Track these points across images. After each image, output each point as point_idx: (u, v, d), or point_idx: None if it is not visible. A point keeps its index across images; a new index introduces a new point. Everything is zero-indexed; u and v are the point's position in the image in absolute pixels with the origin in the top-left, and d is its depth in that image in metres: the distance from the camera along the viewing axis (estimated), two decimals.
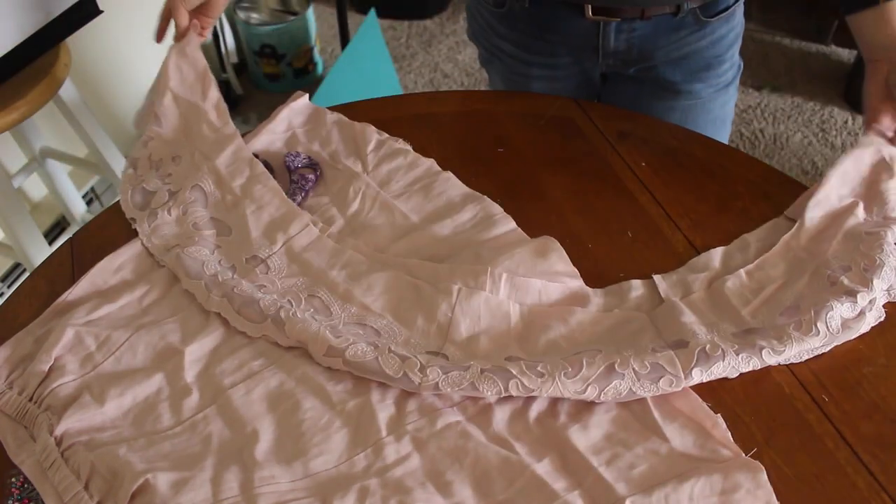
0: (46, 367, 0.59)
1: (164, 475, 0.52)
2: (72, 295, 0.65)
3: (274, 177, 0.75)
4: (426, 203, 0.74)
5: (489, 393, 0.56)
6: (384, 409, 0.57)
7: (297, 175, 0.75)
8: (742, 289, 0.64)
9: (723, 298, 0.63)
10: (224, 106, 0.80)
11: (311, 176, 0.75)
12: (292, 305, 0.63)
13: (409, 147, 0.79)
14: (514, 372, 0.56)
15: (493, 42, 0.95)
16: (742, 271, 0.65)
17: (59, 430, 0.55)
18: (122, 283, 0.67)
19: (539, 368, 0.56)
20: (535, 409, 0.57)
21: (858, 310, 0.61)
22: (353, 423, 0.57)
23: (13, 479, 0.55)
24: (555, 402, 0.58)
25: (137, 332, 0.62)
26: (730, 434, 0.55)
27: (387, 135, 0.80)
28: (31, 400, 0.58)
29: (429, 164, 0.78)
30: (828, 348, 0.60)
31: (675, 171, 0.77)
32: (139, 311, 0.65)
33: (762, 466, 0.52)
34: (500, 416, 0.57)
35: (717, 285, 0.64)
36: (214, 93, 0.80)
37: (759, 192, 0.75)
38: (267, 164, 0.76)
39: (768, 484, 0.52)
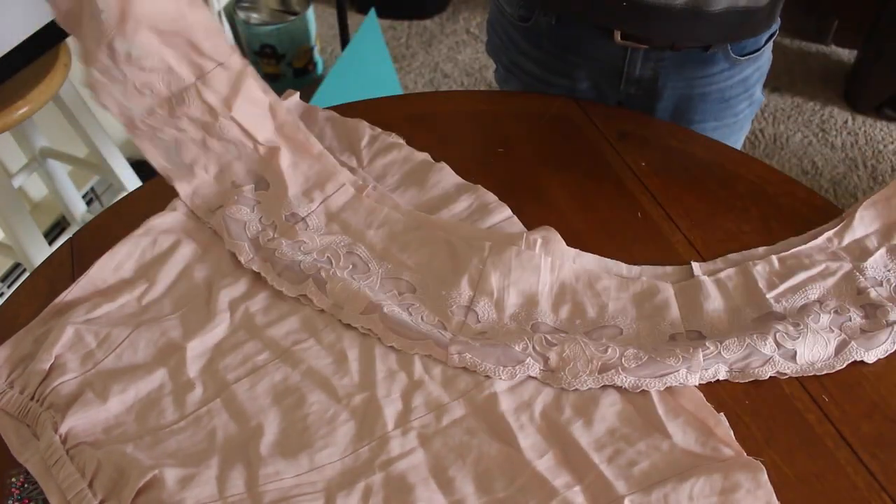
0: (47, 366, 0.59)
1: (171, 471, 0.52)
2: (71, 294, 0.65)
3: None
4: (422, 195, 0.74)
5: (502, 375, 0.58)
6: (390, 404, 0.57)
7: None
8: (771, 273, 0.65)
9: (750, 280, 0.64)
10: (217, 27, 0.70)
11: None
12: (331, 265, 0.65)
13: (401, 141, 0.79)
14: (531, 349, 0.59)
15: (513, 59, 0.93)
16: (774, 257, 0.66)
17: (63, 428, 0.55)
18: (122, 281, 0.67)
19: (558, 354, 0.59)
20: (541, 402, 0.57)
21: (879, 327, 0.60)
22: (358, 417, 0.57)
23: (13, 479, 0.55)
24: (560, 394, 0.58)
25: (138, 329, 0.62)
26: (732, 433, 0.55)
27: (379, 129, 0.80)
28: (32, 398, 0.58)
29: (423, 156, 0.78)
30: (840, 364, 0.59)
31: (675, 171, 0.77)
32: (139, 308, 0.65)
33: (763, 466, 0.52)
34: (506, 406, 0.57)
35: (747, 267, 0.65)
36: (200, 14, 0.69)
37: (759, 192, 0.75)
38: None
39: (768, 484, 0.52)
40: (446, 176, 0.76)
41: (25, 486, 0.54)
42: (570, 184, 0.76)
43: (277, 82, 2.24)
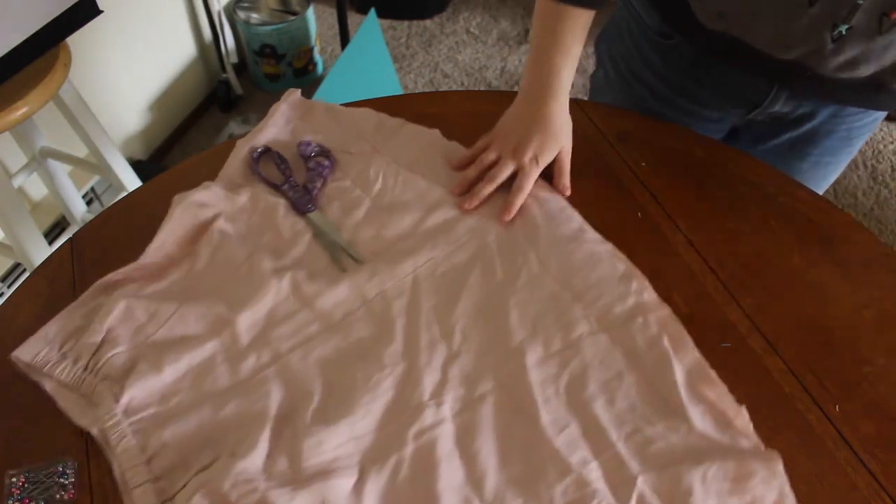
0: (99, 339, 0.61)
1: (226, 454, 0.54)
2: (118, 274, 0.66)
3: (288, 167, 0.77)
4: (446, 171, 0.76)
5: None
6: (430, 373, 0.59)
7: (313, 163, 0.77)
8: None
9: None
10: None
11: (327, 162, 0.77)
12: None
13: (409, 123, 0.81)
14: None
15: (634, 69, 0.88)
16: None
17: (124, 400, 0.57)
18: (166, 258, 0.68)
19: None
20: (567, 376, 0.59)
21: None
22: (399, 386, 0.59)
23: (13, 479, 0.55)
24: (586, 370, 0.59)
25: (185, 304, 0.64)
26: (752, 426, 0.55)
27: (385, 115, 0.82)
28: (86, 369, 0.60)
29: (433, 132, 0.80)
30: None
31: (675, 171, 0.77)
32: (185, 284, 0.66)
33: (779, 456, 0.53)
34: (534, 378, 0.59)
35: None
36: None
37: (759, 192, 0.75)
38: (280, 156, 0.77)
39: (783, 474, 0.52)
40: (459, 152, 0.78)
41: (25, 486, 0.54)
42: (571, 184, 0.76)
43: (277, 82, 2.24)
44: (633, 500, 0.51)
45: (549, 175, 0.75)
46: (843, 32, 0.65)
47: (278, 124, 0.81)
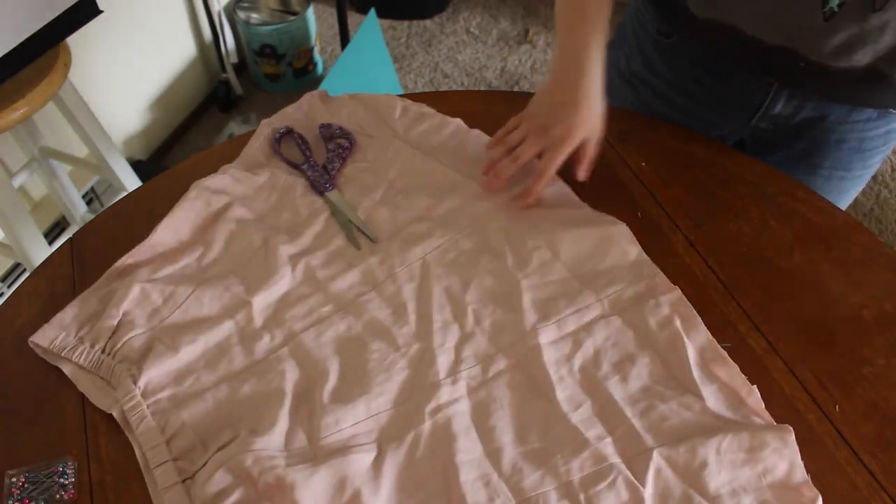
0: (115, 322, 0.61)
1: (245, 431, 0.55)
2: (132, 258, 0.66)
3: (308, 148, 0.78)
4: (465, 158, 0.77)
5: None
6: (444, 353, 0.60)
7: (334, 144, 0.78)
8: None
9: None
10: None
11: (347, 144, 0.78)
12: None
13: (433, 110, 0.82)
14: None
15: (636, 70, 0.87)
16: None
17: (142, 381, 0.58)
18: (180, 243, 0.69)
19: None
20: (581, 357, 0.60)
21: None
22: (414, 365, 0.59)
23: (13, 479, 0.55)
24: (598, 351, 0.60)
25: (201, 287, 0.64)
26: (763, 405, 0.56)
27: (409, 101, 0.82)
28: (103, 352, 0.60)
29: (457, 122, 0.81)
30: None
31: (675, 171, 0.77)
32: (199, 268, 0.67)
33: (791, 429, 0.53)
34: (548, 358, 0.59)
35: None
36: None
37: (759, 192, 0.75)
38: (301, 137, 0.78)
39: (795, 444, 0.53)
40: (481, 140, 0.79)
41: (25, 486, 0.54)
42: (571, 184, 0.76)
43: (277, 82, 2.24)
44: (650, 473, 0.52)
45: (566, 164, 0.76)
46: (835, 9, 0.64)
47: (302, 108, 0.83)
